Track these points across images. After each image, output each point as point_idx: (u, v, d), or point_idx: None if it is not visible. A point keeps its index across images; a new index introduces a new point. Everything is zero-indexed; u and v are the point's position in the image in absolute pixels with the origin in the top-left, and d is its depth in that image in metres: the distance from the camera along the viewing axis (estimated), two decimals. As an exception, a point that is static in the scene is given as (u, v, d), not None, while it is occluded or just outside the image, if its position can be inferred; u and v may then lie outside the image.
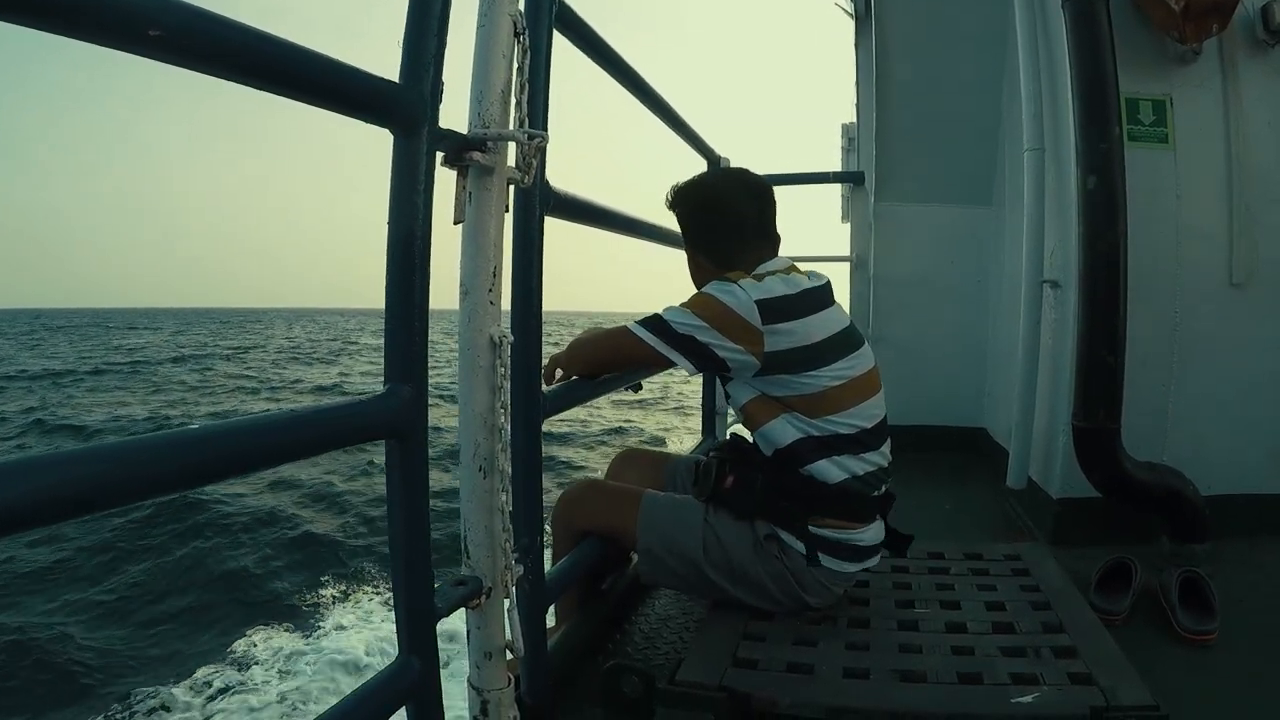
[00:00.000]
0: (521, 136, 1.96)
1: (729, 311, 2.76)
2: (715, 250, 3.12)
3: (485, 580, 2.00)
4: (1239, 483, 4.34)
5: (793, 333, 2.81)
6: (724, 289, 2.82)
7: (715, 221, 3.12)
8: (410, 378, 1.67)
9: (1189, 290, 4.31)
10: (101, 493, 1.08)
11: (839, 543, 2.89)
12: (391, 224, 1.66)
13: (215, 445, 1.26)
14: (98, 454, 1.09)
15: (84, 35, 1.05)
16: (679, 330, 2.79)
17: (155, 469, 1.16)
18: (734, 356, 2.78)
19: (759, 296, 2.78)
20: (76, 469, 1.04)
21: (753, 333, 2.76)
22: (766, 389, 2.88)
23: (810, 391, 2.85)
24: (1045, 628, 2.83)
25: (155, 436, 1.18)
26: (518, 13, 2.01)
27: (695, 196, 3.17)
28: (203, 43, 1.20)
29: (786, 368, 2.82)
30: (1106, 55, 3.95)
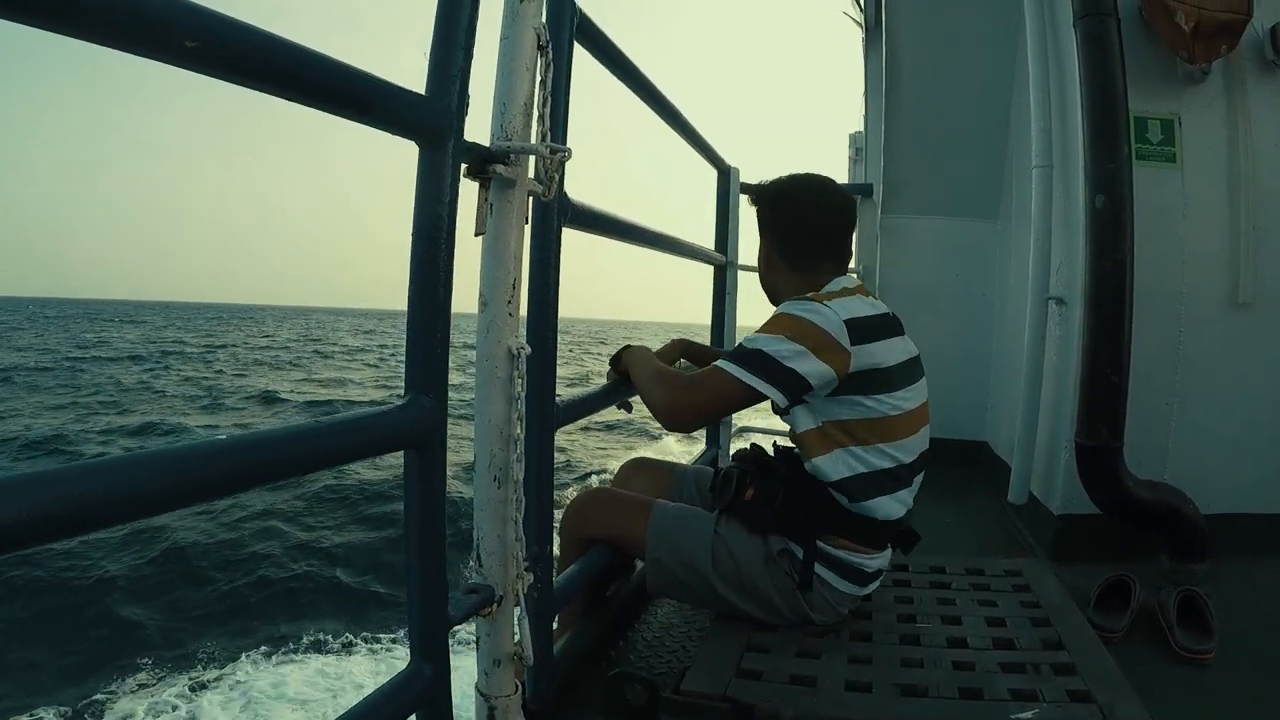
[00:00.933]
0: (544, 150, 1.98)
1: (821, 332, 2.74)
2: (795, 254, 3.12)
3: (497, 589, 2.02)
4: (1240, 502, 4.36)
5: (873, 354, 2.82)
6: (809, 309, 2.80)
7: (799, 227, 3.12)
8: (431, 388, 1.69)
9: (1193, 309, 4.32)
10: (119, 507, 1.08)
11: (848, 564, 2.90)
12: (415, 235, 1.67)
13: (238, 456, 1.27)
14: (112, 466, 1.09)
15: (124, 46, 1.07)
16: (782, 362, 2.73)
17: (174, 481, 1.16)
18: (820, 375, 2.75)
19: (847, 316, 2.78)
20: (91, 481, 1.04)
21: (842, 352, 2.74)
22: (832, 413, 2.86)
23: (874, 415, 2.85)
24: (1045, 644, 2.85)
25: (177, 448, 1.19)
26: (541, 26, 2.03)
27: (785, 198, 3.15)
28: (236, 54, 1.21)
29: (861, 388, 2.82)
30: (1117, 75, 3.97)
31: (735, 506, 3.01)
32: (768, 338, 2.77)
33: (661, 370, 3.09)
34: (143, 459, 1.13)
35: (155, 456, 1.15)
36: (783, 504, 2.92)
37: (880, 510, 2.90)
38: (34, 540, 0.97)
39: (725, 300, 5.17)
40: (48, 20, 0.96)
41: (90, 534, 1.09)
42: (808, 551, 2.87)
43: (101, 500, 1.05)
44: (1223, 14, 4.00)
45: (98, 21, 1.01)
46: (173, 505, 1.17)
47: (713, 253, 4.97)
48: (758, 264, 3.23)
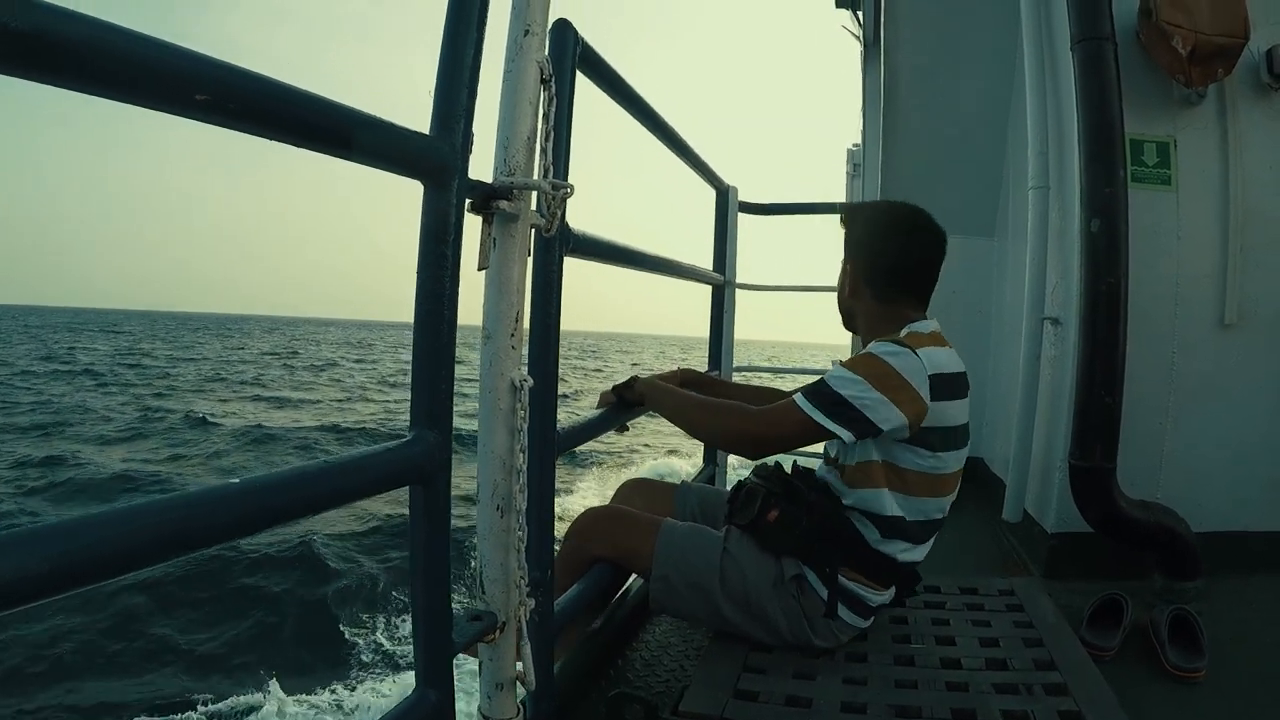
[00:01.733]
0: (547, 187, 2.01)
1: (904, 381, 2.73)
2: (882, 285, 3.10)
3: (500, 615, 2.04)
4: (1232, 520, 4.39)
5: (946, 412, 2.83)
6: (897, 353, 2.79)
7: (891, 259, 3.09)
8: (435, 424, 1.71)
9: (1186, 330, 4.36)
10: (129, 556, 1.10)
11: (856, 596, 2.92)
12: (420, 272, 1.69)
13: (250, 501, 1.30)
14: (121, 517, 1.11)
15: (138, 100, 1.10)
16: (859, 409, 2.72)
17: (184, 528, 1.19)
18: (894, 424, 2.74)
19: (933, 371, 2.77)
20: (96, 533, 1.06)
21: (920, 404, 2.74)
22: (894, 455, 2.86)
23: (929, 471, 2.87)
24: (1037, 664, 2.87)
25: (189, 495, 1.21)
26: (544, 59, 2.06)
27: (882, 227, 3.14)
28: (245, 104, 1.24)
29: (926, 442, 2.83)
30: (1113, 99, 4.00)
31: (755, 525, 3.02)
32: (849, 378, 2.76)
33: (708, 401, 3.13)
34: (155, 506, 1.16)
35: (166, 504, 1.18)
36: (806, 530, 2.93)
37: (902, 554, 2.93)
38: (56, 590, 1.00)
39: (723, 319, 5.18)
40: (63, 77, 0.99)
41: (105, 581, 1.09)
42: (830, 580, 2.89)
43: (113, 551, 1.08)
44: (1219, 38, 4.03)
45: (112, 78, 1.04)
46: (188, 550, 1.20)
47: (711, 273, 4.99)
48: (839, 285, 3.21)
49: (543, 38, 2.07)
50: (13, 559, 0.96)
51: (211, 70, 1.16)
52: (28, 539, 0.99)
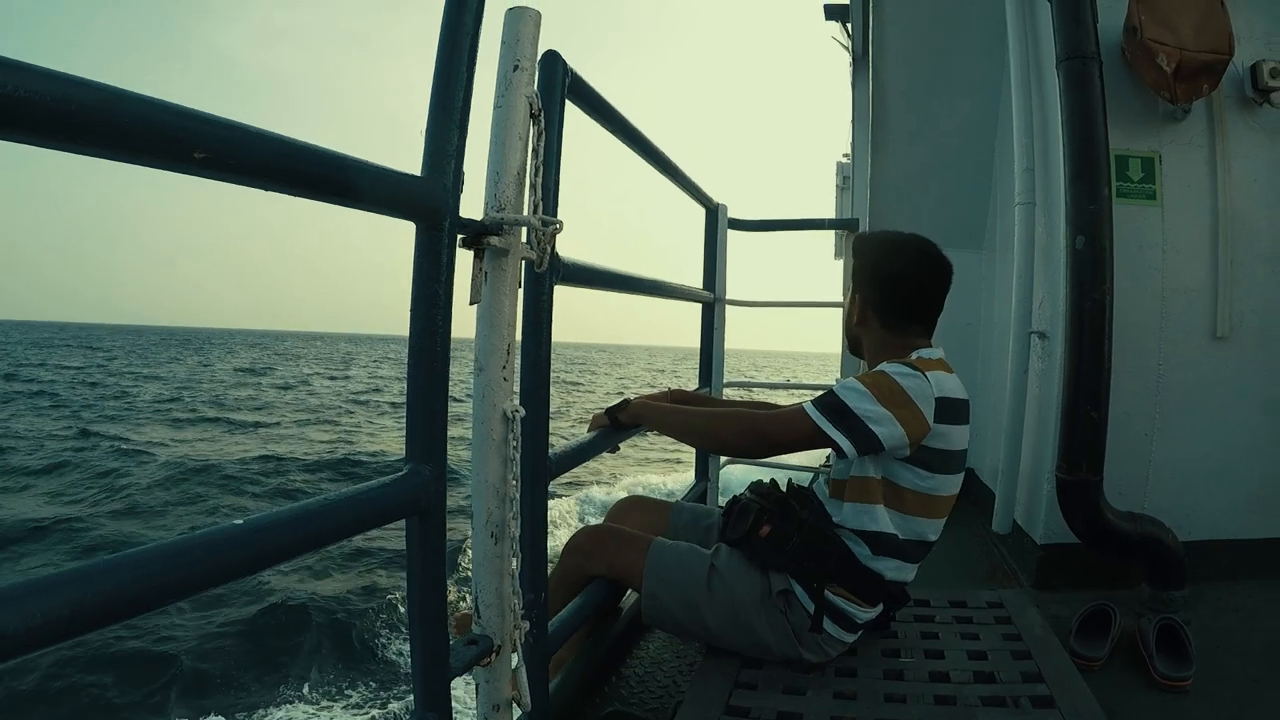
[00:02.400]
0: (537, 223, 2.05)
1: (911, 401, 2.80)
2: (890, 313, 3.16)
3: (495, 639, 2.08)
4: (1218, 528, 4.44)
5: (948, 435, 2.89)
6: (908, 374, 2.86)
7: (899, 287, 3.15)
8: (430, 457, 1.75)
9: (1172, 343, 4.40)
10: (133, 600, 1.13)
11: (844, 612, 2.96)
12: (414, 310, 1.73)
13: (253, 540, 1.33)
14: (122, 563, 1.13)
15: (140, 161, 1.14)
16: (864, 421, 2.79)
17: (195, 568, 1.22)
18: (896, 441, 2.81)
19: (940, 394, 2.85)
20: (105, 580, 1.09)
21: (922, 425, 2.81)
22: (894, 473, 2.93)
23: (926, 491, 2.93)
24: (1025, 677, 2.90)
25: (196, 537, 1.25)
26: (533, 94, 2.10)
27: (890, 256, 3.18)
28: (242, 159, 1.27)
29: (926, 463, 2.90)
30: (1098, 117, 4.05)
31: (747, 541, 3.07)
32: (859, 392, 2.83)
33: (712, 410, 3.30)
34: (164, 549, 1.19)
35: (176, 546, 1.21)
36: (797, 547, 2.98)
37: (891, 572, 2.98)
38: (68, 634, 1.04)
39: (714, 336, 5.22)
40: (65, 141, 1.03)
41: (109, 626, 1.13)
42: (817, 596, 2.93)
43: (121, 594, 1.11)
44: (1204, 54, 4.08)
45: (115, 140, 1.08)
46: (199, 590, 1.24)
47: (700, 291, 5.03)
48: (845, 313, 3.29)
49: (532, 72, 2.11)
50: (33, 605, 0.99)
51: (208, 128, 1.19)
52: (43, 586, 1.02)
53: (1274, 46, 4.53)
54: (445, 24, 1.77)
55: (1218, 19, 4.14)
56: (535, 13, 2.12)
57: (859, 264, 3.23)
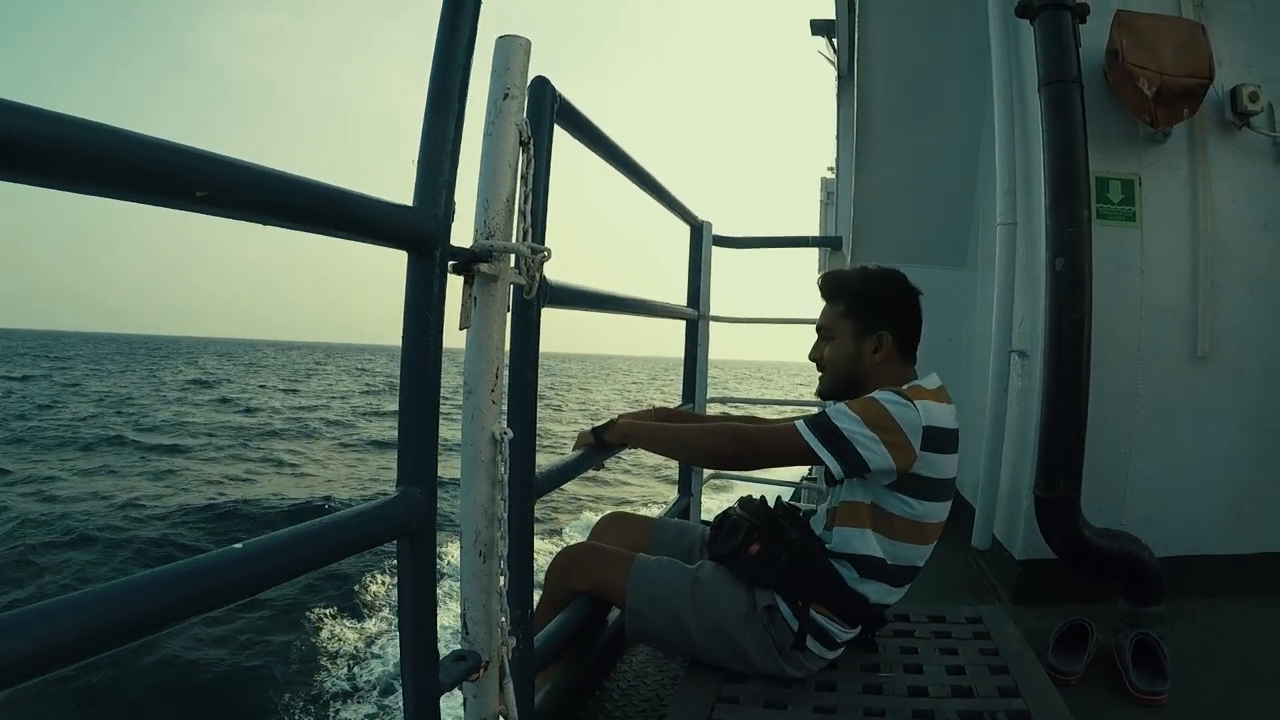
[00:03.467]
0: (526, 251, 2.09)
1: (898, 427, 2.84)
2: (909, 344, 3.23)
3: (483, 655, 2.12)
4: (1195, 544, 4.49)
5: (935, 465, 2.93)
6: (897, 401, 2.90)
7: (913, 322, 3.24)
8: (421, 480, 1.78)
9: (1150, 362, 4.46)
10: (137, 623, 1.16)
11: (826, 631, 2.99)
12: (406, 337, 1.76)
13: (250, 564, 1.37)
14: (118, 592, 1.16)
15: (144, 199, 1.18)
16: (852, 443, 2.84)
17: (195, 592, 1.26)
18: (882, 466, 2.85)
19: (928, 423, 2.88)
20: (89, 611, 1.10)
21: (909, 452, 2.85)
22: (884, 499, 2.97)
23: (914, 519, 2.97)
24: (1002, 692, 2.93)
25: (192, 563, 1.28)
26: (523, 121, 2.14)
27: (903, 291, 3.25)
28: (242, 196, 1.31)
29: (914, 491, 2.94)
30: (1079, 141, 4.11)
31: (735, 557, 3.11)
32: (850, 416, 2.88)
33: (711, 426, 3.33)
34: (166, 573, 1.23)
35: (175, 571, 1.25)
36: (786, 565, 3.02)
37: (876, 595, 3.02)
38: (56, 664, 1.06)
39: (697, 352, 5.25)
40: (75, 182, 1.07)
41: (106, 653, 1.13)
42: (802, 615, 2.97)
43: (116, 621, 1.13)
44: (1185, 79, 4.14)
45: (122, 182, 1.12)
46: (201, 611, 1.27)
47: (685, 308, 5.06)
48: (832, 357, 3.26)
49: (522, 100, 2.15)
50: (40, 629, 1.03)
51: (209, 166, 1.23)
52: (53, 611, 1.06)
53: (1254, 70, 4.60)
54: (437, 57, 1.81)
55: (1198, 44, 4.21)
56: (525, 41, 2.15)
57: (869, 301, 3.24)
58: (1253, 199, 4.60)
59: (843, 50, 8.83)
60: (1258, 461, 4.59)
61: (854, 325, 3.21)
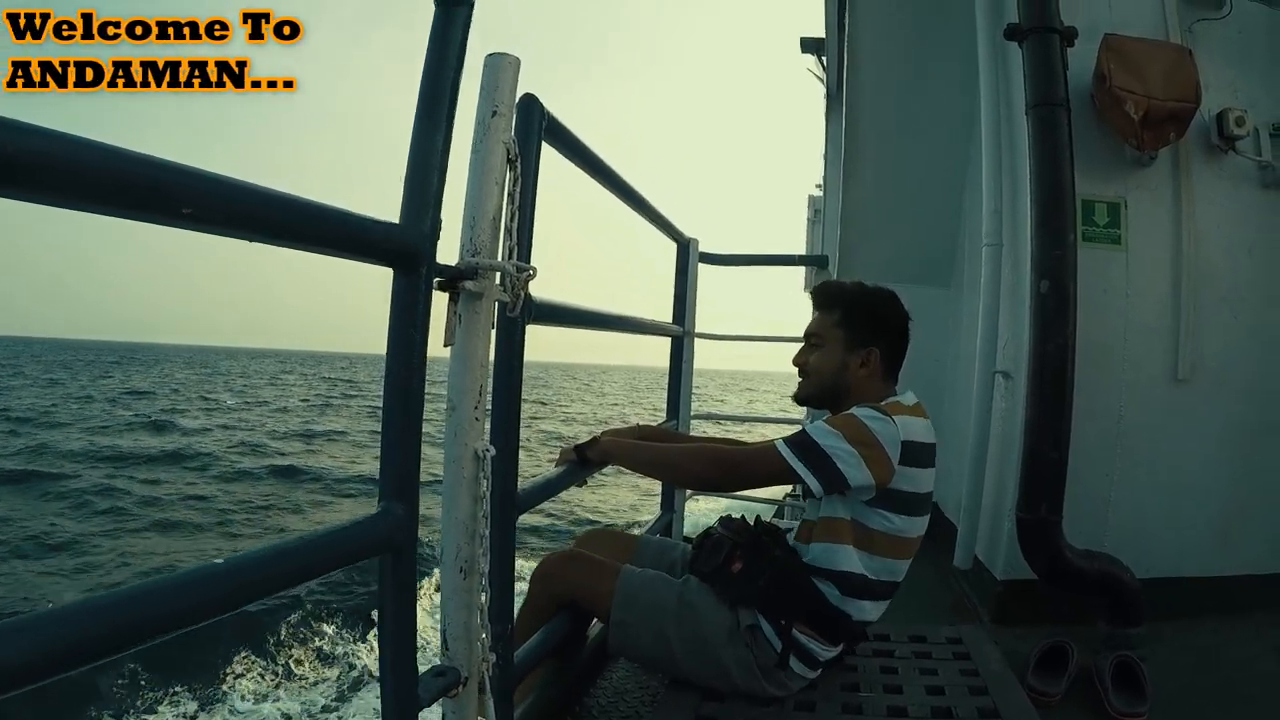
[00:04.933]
0: (511, 269, 2.10)
1: (877, 442, 2.86)
2: (896, 363, 3.26)
3: (463, 671, 2.12)
4: (1177, 566, 4.50)
5: (913, 479, 2.96)
6: (875, 417, 2.92)
7: (904, 340, 3.27)
8: (403, 496, 1.78)
9: (1134, 384, 4.47)
10: (121, 636, 1.17)
11: (807, 650, 3.00)
12: (390, 353, 1.77)
13: (233, 578, 1.37)
14: (101, 605, 1.18)
15: (130, 215, 1.20)
16: (831, 459, 2.86)
17: (177, 607, 1.27)
18: (861, 481, 2.86)
19: (906, 438, 2.91)
20: (77, 624, 1.12)
21: (887, 467, 2.87)
22: (864, 515, 2.98)
23: (893, 533, 2.99)
24: (981, 712, 2.94)
25: (178, 576, 1.29)
26: (510, 140, 2.15)
27: (895, 309, 3.27)
28: (228, 213, 1.32)
29: (893, 505, 2.96)
30: (1065, 164, 4.13)
31: (717, 575, 3.10)
32: (828, 432, 2.90)
33: (692, 447, 3.36)
34: (150, 587, 1.25)
35: (158, 586, 1.27)
36: (768, 583, 3.02)
37: (858, 612, 3.03)
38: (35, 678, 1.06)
39: (682, 369, 5.23)
40: (62, 197, 1.08)
41: (92, 664, 1.15)
42: (784, 634, 2.97)
43: (110, 631, 1.15)
44: (1171, 102, 4.16)
45: (110, 198, 1.14)
46: (182, 626, 1.27)
47: (670, 325, 5.06)
48: (830, 361, 3.25)
49: (509, 118, 2.16)
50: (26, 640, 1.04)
51: (195, 183, 1.24)
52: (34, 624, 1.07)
53: (1240, 95, 4.63)
54: (426, 73, 1.82)
55: (1185, 68, 4.23)
56: (514, 59, 2.16)
57: (864, 315, 3.25)
58: (1237, 223, 4.63)
59: (832, 68, 8.85)
60: (1239, 483, 4.62)
61: (846, 336, 3.22)
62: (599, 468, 3.28)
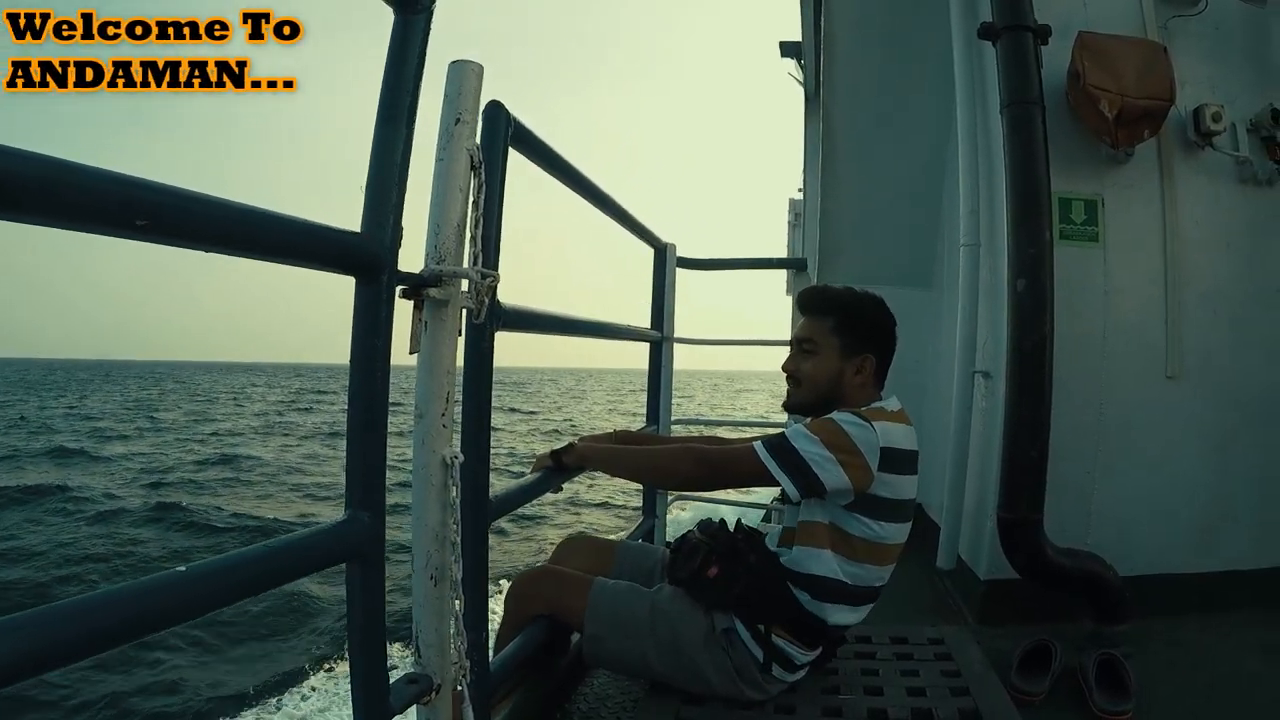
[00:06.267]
0: (475, 275, 2.10)
1: (855, 447, 2.86)
2: (886, 368, 3.27)
3: (435, 677, 2.12)
4: (1161, 563, 4.51)
5: (893, 486, 2.95)
6: (855, 423, 2.91)
7: (893, 346, 3.28)
8: (369, 504, 1.78)
9: (1114, 381, 4.48)
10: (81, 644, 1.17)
11: (784, 653, 3.00)
12: (353, 362, 1.77)
13: (199, 585, 1.38)
14: (60, 612, 1.17)
15: (86, 229, 1.18)
16: (808, 463, 2.86)
17: (142, 613, 1.27)
18: (838, 486, 2.87)
19: (885, 444, 2.90)
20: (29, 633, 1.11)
21: (866, 473, 2.87)
22: (843, 520, 2.98)
23: (873, 539, 2.98)
24: (962, 713, 2.95)
25: (137, 584, 1.29)
26: (475, 147, 2.14)
27: (886, 315, 3.28)
28: (184, 224, 1.32)
29: (872, 511, 2.96)
30: (1040, 162, 4.14)
31: (694, 580, 3.10)
32: (807, 436, 2.91)
33: (670, 449, 3.32)
34: (99, 600, 1.23)
35: (120, 593, 1.26)
36: (744, 588, 3.02)
37: (835, 617, 3.03)
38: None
39: (661, 374, 5.24)
40: (16, 212, 1.08)
41: (58, 670, 1.16)
42: (762, 639, 2.98)
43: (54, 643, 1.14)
44: (1145, 100, 4.17)
45: (64, 212, 1.13)
46: (149, 632, 1.28)
47: (648, 330, 5.06)
48: (826, 369, 3.23)
49: (474, 125, 2.16)
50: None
51: (150, 195, 1.24)
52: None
53: (1217, 91, 4.65)
54: (386, 81, 1.82)
55: (1160, 66, 4.24)
56: (478, 66, 2.16)
57: (860, 323, 3.25)
58: (1215, 219, 4.65)
59: (809, 71, 8.85)
60: (1221, 480, 4.63)
61: (841, 343, 3.21)
62: (576, 473, 3.27)
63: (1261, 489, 4.67)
